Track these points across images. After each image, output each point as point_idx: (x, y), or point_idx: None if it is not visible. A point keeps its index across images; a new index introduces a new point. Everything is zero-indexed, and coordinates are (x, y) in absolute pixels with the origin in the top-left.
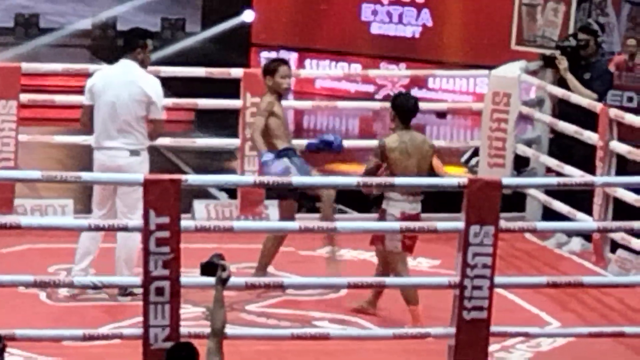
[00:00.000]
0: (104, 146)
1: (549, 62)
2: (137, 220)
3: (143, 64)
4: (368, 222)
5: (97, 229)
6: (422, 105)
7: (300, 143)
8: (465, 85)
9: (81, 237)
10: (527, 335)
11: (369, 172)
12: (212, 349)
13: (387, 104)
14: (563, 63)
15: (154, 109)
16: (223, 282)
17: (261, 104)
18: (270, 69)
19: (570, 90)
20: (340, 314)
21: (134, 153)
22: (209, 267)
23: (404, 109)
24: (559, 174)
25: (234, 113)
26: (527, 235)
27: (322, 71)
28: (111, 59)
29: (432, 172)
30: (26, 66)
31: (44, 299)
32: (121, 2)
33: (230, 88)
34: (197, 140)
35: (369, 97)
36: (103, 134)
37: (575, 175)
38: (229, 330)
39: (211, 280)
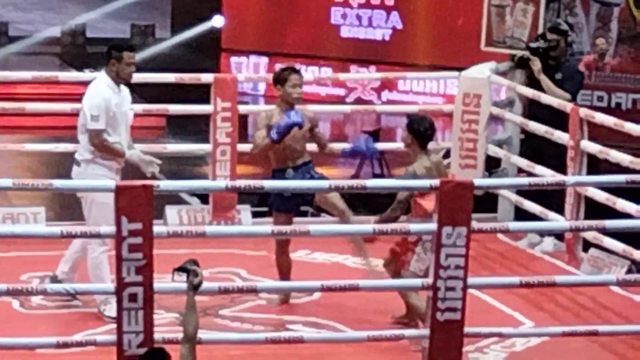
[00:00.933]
0: None
1: (521, 63)
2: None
3: (118, 75)
4: (340, 225)
5: (70, 235)
6: (392, 107)
7: None
8: (435, 87)
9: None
10: (501, 335)
11: (402, 202)
12: (185, 354)
13: (358, 107)
14: (537, 64)
15: (87, 118)
16: (195, 288)
17: (257, 119)
18: (281, 78)
19: (543, 91)
20: (314, 317)
21: (76, 162)
22: (181, 273)
23: (423, 133)
24: (530, 174)
25: (205, 118)
26: (500, 235)
27: None
28: (80, 66)
29: None
30: None
31: (16, 307)
32: (90, 9)
33: (200, 93)
34: (168, 145)
35: (339, 100)
36: None
37: (547, 175)
38: (203, 335)
39: (185, 285)
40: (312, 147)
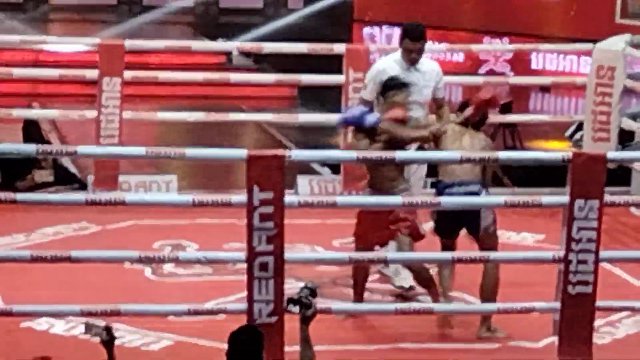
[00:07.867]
0: None
1: None
2: None
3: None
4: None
5: (201, 204)
6: (526, 79)
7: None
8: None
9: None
10: (633, 309)
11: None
12: None
13: (490, 78)
14: None
15: None
16: (307, 321)
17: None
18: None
19: None
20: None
21: None
22: (296, 303)
23: None
24: None
25: (337, 89)
26: (633, 209)
27: None
28: (213, 36)
29: None
30: (129, 43)
31: (148, 275)
32: None
33: (332, 64)
34: (299, 115)
35: (471, 71)
36: None
37: None
38: (333, 305)
39: (316, 254)
40: None
